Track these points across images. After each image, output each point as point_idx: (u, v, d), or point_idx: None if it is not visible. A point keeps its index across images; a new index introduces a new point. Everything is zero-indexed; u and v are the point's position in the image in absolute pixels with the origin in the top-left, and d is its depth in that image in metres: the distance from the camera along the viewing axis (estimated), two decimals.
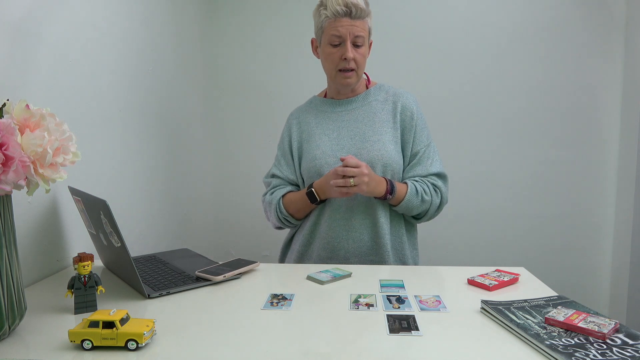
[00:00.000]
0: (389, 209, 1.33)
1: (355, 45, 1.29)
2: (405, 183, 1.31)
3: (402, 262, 1.34)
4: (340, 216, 1.31)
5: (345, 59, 1.28)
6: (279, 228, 1.47)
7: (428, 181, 1.32)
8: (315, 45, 1.38)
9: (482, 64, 2.12)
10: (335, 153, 1.32)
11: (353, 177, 1.19)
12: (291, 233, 1.46)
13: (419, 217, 1.37)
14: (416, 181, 1.32)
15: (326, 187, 1.26)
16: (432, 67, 2.14)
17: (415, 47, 2.14)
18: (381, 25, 2.07)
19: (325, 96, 1.46)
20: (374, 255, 1.31)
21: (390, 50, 2.13)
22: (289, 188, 1.41)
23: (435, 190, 1.32)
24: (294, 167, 1.42)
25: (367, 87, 1.42)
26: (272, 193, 1.41)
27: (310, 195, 1.30)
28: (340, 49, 1.29)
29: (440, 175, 1.35)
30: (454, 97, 2.14)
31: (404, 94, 1.38)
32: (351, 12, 1.25)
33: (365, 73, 1.43)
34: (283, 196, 1.38)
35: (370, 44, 1.37)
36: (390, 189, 1.26)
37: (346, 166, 1.20)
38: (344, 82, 1.33)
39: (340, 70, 1.31)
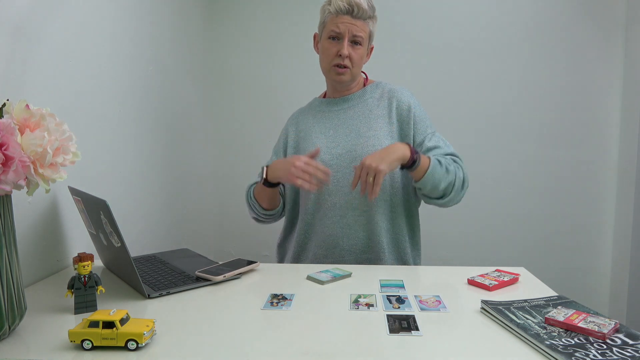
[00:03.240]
0: (389, 206, 1.32)
1: (354, 44, 1.30)
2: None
3: (403, 261, 1.34)
4: (335, 213, 1.31)
5: (340, 54, 1.29)
6: (256, 220, 1.49)
7: (447, 157, 1.27)
8: (316, 40, 1.40)
9: (482, 63, 2.12)
10: (331, 150, 1.33)
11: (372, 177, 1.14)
12: (283, 235, 1.47)
13: (444, 196, 1.27)
14: (434, 155, 1.26)
15: (280, 168, 1.25)
16: (431, 67, 2.14)
17: (416, 48, 2.14)
18: (381, 25, 2.07)
19: (325, 97, 1.47)
20: (369, 253, 1.31)
21: (390, 51, 2.13)
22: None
23: (456, 165, 1.27)
24: None
25: (364, 86, 1.43)
26: (250, 187, 1.46)
27: (261, 179, 1.32)
28: (337, 45, 1.30)
29: (455, 155, 1.30)
30: (453, 97, 2.14)
31: (400, 90, 1.38)
32: (353, 11, 1.26)
33: (363, 72, 1.44)
34: (256, 183, 1.43)
35: (372, 49, 1.38)
36: (413, 152, 1.18)
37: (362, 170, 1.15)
38: (337, 78, 1.33)
39: (334, 66, 1.31)
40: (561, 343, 0.69)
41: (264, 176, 1.30)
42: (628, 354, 0.65)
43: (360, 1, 1.26)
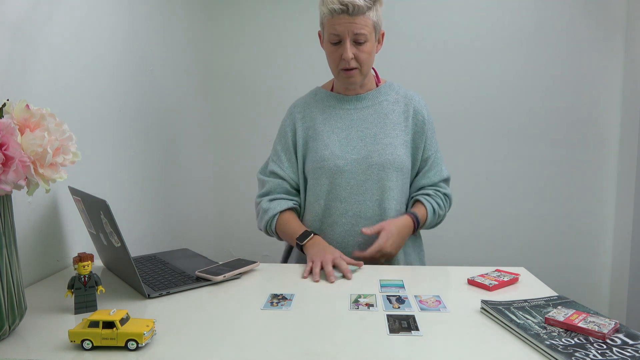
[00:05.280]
0: (395, 217, 1.30)
1: (357, 43, 1.20)
2: (422, 204, 1.31)
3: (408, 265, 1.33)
4: (346, 221, 1.28)
5: (344, 59, 1.22)
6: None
7: (439, 191, 1.35)
8: (321, 39, 1.31)
9: (482, 63, 2.12)
10: (345, 155, 1.28)
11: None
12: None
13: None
14: (429, 195, 1.33)
15: (315, 252, 1.16)
16: (432, 67, 2.14)
17: (416, 48, 2.14)
18: (386, 25, 2.06)
19: (332, 89, 1.38)
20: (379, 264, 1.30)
21: (391, 51, 2.12)
22: (291, 204, 1.33)
23: (446, 199, 1.37)
24: (297, 165, 1.36)
25: (376, 85, 1.37)
26: (272, 201, 1.34)
27: (300, 239, 1.23)
28: (340, 48, 1.22)
29: (448, 180, 1.39)
30: (453, 97, 2.14)
31: (415, 96, 1.35)
32: (348, 9, 1.16)
33: (374, 69, 1.37)
34: (282, 212, 1.32)
35: (383, 34, 1.29)
36: (416, 226, 1.28)
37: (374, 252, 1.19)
38: (347, 81, 1.28)
39: (341, 70, 1.25)
40: (561, 343, 0.69)
41: (302, 245, 1.22)
42: (628, 354, 0.65)
43: None
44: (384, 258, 1.23)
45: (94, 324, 0.70)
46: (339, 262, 1.09)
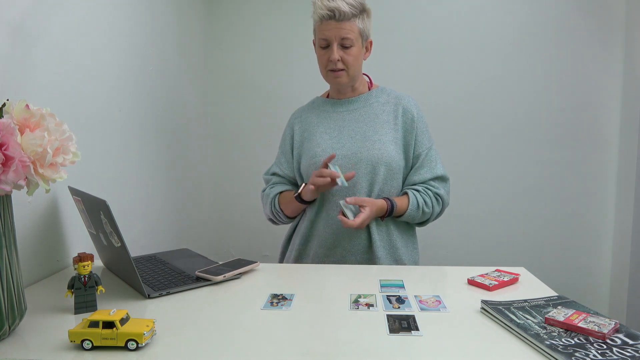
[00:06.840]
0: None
1: (344, 47, 1.29)
2: (407, 195, 1.34)
3: (397, 261, 1.34)
4: (337, 213, 1.30)
5: (331, 60, 1.30)
6: (272, 222, 1.50)
7: (431, 190, 1.35)
8: (315, 47, 1.40)
9: (482, 64, 2.12)
10: (335, 151, 1.34)
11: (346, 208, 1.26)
12: (290, 232, 1.48)
13: (418, 224, 1.42)
14: (418, 191, 1.34)
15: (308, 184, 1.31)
16: (432, 68, 2.14)
17: (416, 49, 2.14)
18: (382, 26, 2.07)
19: (327, 97, 1.48)
20: (368, 253, 1.33)
21: (391, 52, 2.13)
22: (289, 187, 1.46)
23: (437, 199, 1.36)
24: (293, 165, 1.45)
25: (369, 89, 1.44)
26: (272, 187, 1.46)
27: (295, 193, 1.36)
28: (328, 51, 1.31)
29: (444, 178, 1.39)
30: (453, 98, 2.14)
31: (405, 97, 1.41)
32: (335, 16, 1.26)
33: (367, 75, 1.44)
34: (281, 192, 1.43)
35: (370, 43, 1.38)
36: (390, 210, 1.30)
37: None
38: (334, 81, 1.35)
39: (329, 71, 1.33)
40: (561, 343, 0.69)
41: (299, 192, 1.34)
42: (628, 354, 0.65)
43: (339, 4, 1.25)
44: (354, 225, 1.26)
45: (94, 324, 0.70)
46: (321, 171, 1.25)
